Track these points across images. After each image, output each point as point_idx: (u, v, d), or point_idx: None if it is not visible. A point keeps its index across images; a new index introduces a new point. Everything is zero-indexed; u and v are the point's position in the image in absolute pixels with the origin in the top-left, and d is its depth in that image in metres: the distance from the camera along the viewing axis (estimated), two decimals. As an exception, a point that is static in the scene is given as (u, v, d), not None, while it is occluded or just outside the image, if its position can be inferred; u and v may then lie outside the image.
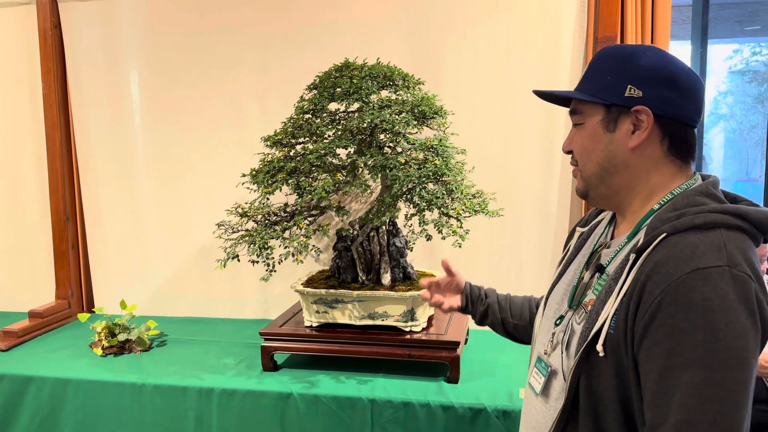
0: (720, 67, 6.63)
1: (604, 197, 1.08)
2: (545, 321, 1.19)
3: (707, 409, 0.84)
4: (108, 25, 2.59)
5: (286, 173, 1.87)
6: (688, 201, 0.96)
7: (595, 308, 0.99)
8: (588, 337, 0.97)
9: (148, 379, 1.94)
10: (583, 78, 1.08)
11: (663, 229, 0.93)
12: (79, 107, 2.65)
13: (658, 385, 0.88)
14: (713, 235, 0.89)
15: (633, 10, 2.14)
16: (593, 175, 1.06)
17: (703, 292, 0.85)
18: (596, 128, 1.04)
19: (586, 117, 1.06)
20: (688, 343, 0.85)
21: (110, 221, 2.70)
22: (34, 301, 2.62)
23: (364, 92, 1.89)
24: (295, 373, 1.96)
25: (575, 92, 1.06)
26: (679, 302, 0.86)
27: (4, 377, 2.03)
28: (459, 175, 1.87)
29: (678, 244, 0.90)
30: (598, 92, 1.03)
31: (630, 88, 0.99)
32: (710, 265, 0.86)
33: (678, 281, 0.86)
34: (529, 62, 2.28)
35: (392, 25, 2.37)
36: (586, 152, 1.06)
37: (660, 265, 0.89)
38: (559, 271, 1.23)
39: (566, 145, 1.11)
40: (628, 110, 1.00)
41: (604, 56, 1.06)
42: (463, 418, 1.73)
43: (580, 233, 1.25)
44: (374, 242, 2.04)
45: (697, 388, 0.84)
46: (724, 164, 7.09)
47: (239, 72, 2.51)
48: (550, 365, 1.09)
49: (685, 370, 0.85)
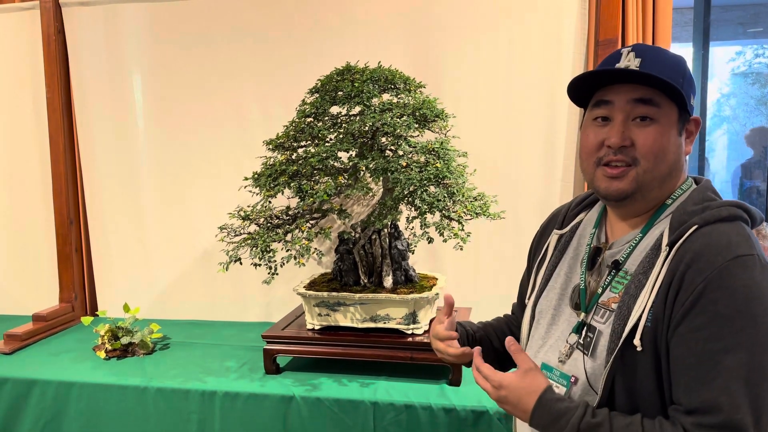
0: (722, 70, 6.62)
1: (650, 200, 1.04)
2: (540, 330, 1.16)
3: (748, 392, 0.87)
4: (111, 29, 2.60)
5: (288, 176, 1.88)
6: (704, 196, 1.01)
7: (626, 304, 0.99)
8: (623, 334, 0.97)
9: (151, 382, 1.95)
10: (660, 66, 0.98)
11: (693, 221, 0.96)
12: (83, 111, 2.66)
13: (696, 370, 0.90)
14: (737, 226, 0.95)
15: (634, 12, 2.15)
16: (660, 176, 1.01)
17: (743, 279, 0.88)
18: (673, 128, 1.01)
19: (662, 113, 1.00)
20: (730, 328, 0.88)
21: (113, 224, 2.71)
22: (38, 304, 2.63)
23: (366, 96, 1.90)
24: (298, 376, 1.96)
25: (673, 82, 0.97)
26: (722, 288, 0.89)
27: (7, 380, 2.03)
28: (460, 177, 1.87)
29: (712, 234, 0.93)
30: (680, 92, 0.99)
31: (691, 97, 1.02)
32: (746, 253, 0.90)
33: (721, 268, 0.89)
34: (531, 65, 2.29)
35: (394, 29, 2.37)
36: (662, 151, 1.00)
37: (700, 254, 0.92)
38: (545, 275, 1.20)
39: (622, 138, 1.00)
40: (688, 118, 1.04)
41: (671, 56, 1.03)
42: (465, 420, 1.73)
43: (559, 235, 1.21)
44: (376, 245, 2.04)
45: (739, 372, 0.87)
46: (727, 166, 7.08)
47: (242, 76, 2.52)
48: (572, 375, 1.06)
49: (727, 355, 0.88)
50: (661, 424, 0.93)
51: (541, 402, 1.00)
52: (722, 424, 0.88)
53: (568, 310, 1.11)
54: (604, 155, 1.02)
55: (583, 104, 1.11)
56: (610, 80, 1.02)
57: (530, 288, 1.22)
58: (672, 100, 1.00)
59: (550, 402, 0.99)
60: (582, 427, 0.95)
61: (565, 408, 0.98)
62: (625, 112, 1.00)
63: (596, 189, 1.07)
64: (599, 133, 1.03)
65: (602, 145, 1.02)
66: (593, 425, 0.95)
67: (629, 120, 1.00)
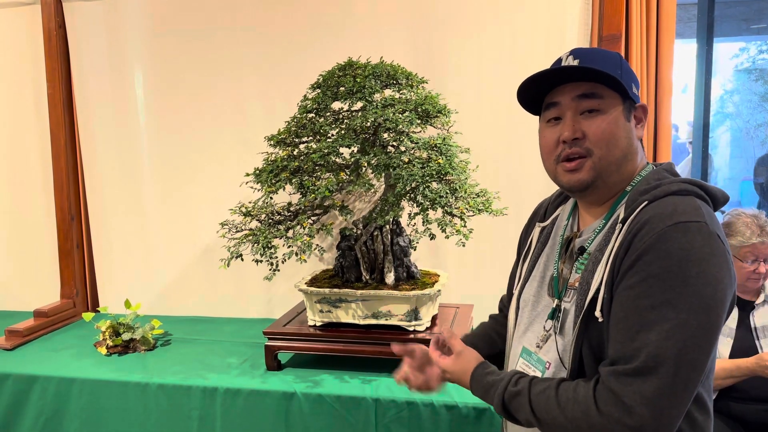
0: (726, 66, 6.60)
1: (610, 185, 1.09)
2: (523, 317, 1.22)
3: (669, 345, 0.89)
4: (112, 25, 2.59)
5: (290, 172, 1.87)
6: (658, 176, 1.06)
7: (585, 279, 1.05)
8: (584, 306, 1.02)
9: (152, 379, 1.94)
10: (597, 63, 1.04)
11: (643, 198, 1.01)
12: (84, 107, 2.66)
13: (623, 323, 0.94)
14: (688, 199, 0.99)
15: (638, 8, 2.13)
16: (615, 161, 1.06)
17: (681, 242, 0.92)
18: (620, 115, 1.06)
19: (607, 103, 1.06)
20: (659, 287, 0.91)
21: (115, 220, 2.71)
22: (39, 300, 2.64)
23: (368, 91, 1.89)
24: (299, 373, 1.96)
25: (611, 73, 1.03)
26: (658, 250, 0.92)
27: (9, 376, 2.04)
28: (462, 173, 1.87)
29: (660, 205, 0.98)
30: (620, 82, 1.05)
31: (632, 86, 1.09)
32: (690, 219, 0.93)
33: (660, 233, 0.93)
34: (534, 61, 2.27)
35: (396, 24, 2.36)
36: (614, 138, 1.05)
37: (645, 224, 0.96)
38: (528, 266, 1.25)
39: (573, 131, 1.06)
40: (634, 105, 1.09)
41: (606, 53, 1.10)
42: (467, 417, 1.72)
43: (541, 228, 1.28)
44: (378, 241, 2.04)
45: (662, 326, 0.90)
46: (730, 163, 7.06)
47: (243, 71, 2.51)
48: (547, 360, 1.11)
49: (653, 310, 0.91)
50: (576, 385, 0.98)
51: (474, 377, 1.14)
52: (635, 370, 0.90)
53: (547, 298, 1.17)
54: (561, 151, 1.09)
55: (536, 111, 1.19)
56: (555, 82, 1.10)
57: (517, 279, 1.29)
58: (614, 90, 1.06)
59: (480, 376, 1.13)
60: (506, 396, 1.06)
61: (492, 380, 1.10)
62: (572, 108, 1.07)
63: (559, 184, 1.13)
64: (554, 132, 1.10)
65: (558, 142, 1.09)
66: (514, 393, 1.05)
67: (577, 115, 1.07)
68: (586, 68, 1.03)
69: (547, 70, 1.08)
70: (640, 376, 0.89)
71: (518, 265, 1.31)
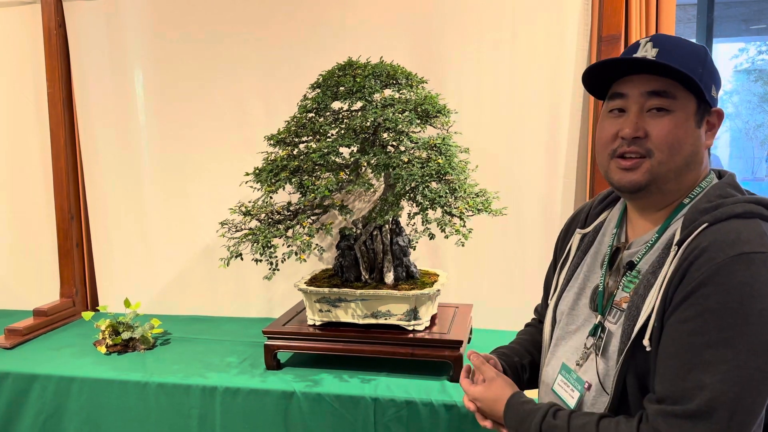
0: (725, 66, 6.61)
1: (665, 193, 1.01)
2: (559, 330, 1.15)
3: (727, 390, 0.82)
4: (113, 24, 2.59)
5: (290, 172, 1.87)
6: (721, 192, 0.97)
7: (635, 304, 0.97)
8: (632, 334, 0.95)
9: (151, 378, 1.95)
10: (678, 57, 0.96)
11: (704, 219, 0.92)
12: (84, 106, 2.66)
13: (674, 359, 0.87)
14: (753, 223, 0.90)
15: (637, 8, 2.13)
16: (675, 168, 0.98)
17: (743, 276, 0.84)
18: (690, 120, 0.98)
19: (678, 104, 0.97)
20: (716, 324, 0.84)
21: (114, 220, 2.71)
22: (39, 299, 2.63)
23: (368, 91, 1.89)
24: (299, 372, 1.96)
25: (690, 73, 0.94)
26: (717, 284, 0.85)
27: (8, 375, 2.04)
28: (462, 173, 1.87)
29: (721, 230, 0.89)
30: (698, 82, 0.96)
31: (713, 88, 0.99)
32: (755, 250, 0.85)
33: (721, 264, 0.85)
34: (533, 61, 2.28)
35: (396, 24, 2.36)
36: (678, 142, 0.97)
37: (704, 251, 0.88)
38: (566, 276, 1.18)
39: (635, 129, 0.98)
40: (708, 109, 1.00)
41: (687, 46, 1.00)
42: (466, 417, 1.72)
43: (582, 234, 1.20)
44: (377, 241, 2.04)
45: (718, 368, 0.83)
46: (730, 164, 7.07)
47: (244, 71, 2.51)
48: (586, 381, 1.05)
49: (708, 349, 0.84)
50: (618, 423, 0.92)
51: (510, 406, 1.09)
52: (686, 412, 0.84)
53: (587, 311, 1.10)
54: (618, 147, 1.01)
55: (601, 95, 1.10)
56: (626, 71, 1.01)
57: (553, 288, 1.22)
58: (690, 91, 0.97)
59: (516, 405, 1.08)
60: (543, 427, 1.00)
61: (529, 409, 1.05)
62: (640, 103, 0.99)
63: (610, 181, 1.05)
64: (614, 125, 1.02)
65: (617, 136, 1.01)
66: (552, 426, 0.99)
67: (644, 111, 0.99)
68: (663, 64, 0.94)
69: (620, 59, 0.99)
70: (691, 420, 0.83)
71: (554, 274, 1.24)
